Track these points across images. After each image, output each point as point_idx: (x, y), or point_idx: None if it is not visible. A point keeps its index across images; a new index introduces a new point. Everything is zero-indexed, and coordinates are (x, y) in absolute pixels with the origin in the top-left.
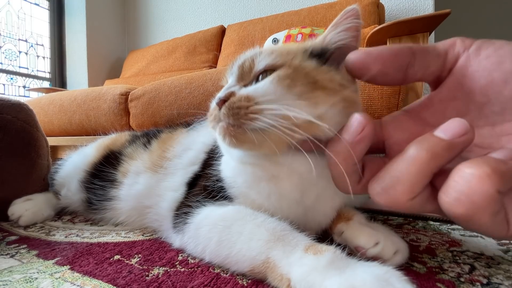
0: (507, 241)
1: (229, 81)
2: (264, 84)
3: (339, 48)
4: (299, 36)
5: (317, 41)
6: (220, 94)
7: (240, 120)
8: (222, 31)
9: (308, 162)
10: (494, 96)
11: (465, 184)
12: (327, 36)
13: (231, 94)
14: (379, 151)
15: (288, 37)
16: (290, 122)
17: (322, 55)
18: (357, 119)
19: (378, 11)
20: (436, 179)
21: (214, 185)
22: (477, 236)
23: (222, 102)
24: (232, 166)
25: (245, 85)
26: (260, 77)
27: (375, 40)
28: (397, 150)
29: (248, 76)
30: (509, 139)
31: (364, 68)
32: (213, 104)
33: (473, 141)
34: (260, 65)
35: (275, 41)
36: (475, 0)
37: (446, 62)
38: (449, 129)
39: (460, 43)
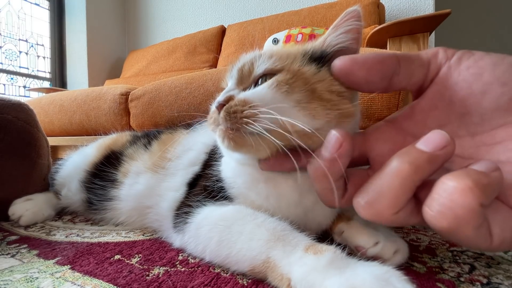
0: None
1: (229, 84)
2: (262, 89)
3: (339, 51)
4: (299, 36)
5: (317, 44)
6: (220, 98)
7: (236, 123)
8: (222, 31)
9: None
10: (474, 107)
11: (447, 197)
12: (327, 38)
13: (230, 98)
14: (363, 164)
15: (288, 37)
16: (286, 129)
17: (322, 58)
18: (334, 135)
19: (379, 11)
20: (420, 191)
21: (214, 185)
22: None
23: (221, 106)
24: (232, 166)
25: (245, 89)
26: (260, 81)
27: (376, 40)
28: (380, 162)
29: (247, 79)
30: (489, 149)
31: (349, 74)
32: (213, 108)
33: (454, 152)
34: (259, 69)
35: (275, 41)
36: (475, 0)
37: (429, 72)
38: (430, 142)
39: (442, 53)
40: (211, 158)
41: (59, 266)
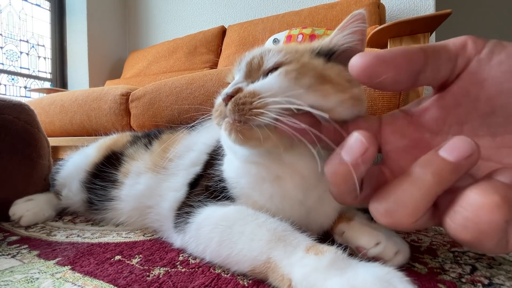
0: None
1: (236, 78)
2: (271, 79)
3: (344, 51)
4: (300, 36)
5: (325, 42)
6: (227, 90)
7: (245, 116)
8: (222, 32)
9: (311, 162)
10: (500, 107)
11: (473, 212)
12: (333, 38)
13: (238, 89)
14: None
15: (288, 37)
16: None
17: (328, 56)
18: (359, 139)
19: (379, 12)
20: (439, 198)
21: (217, 185)
22: None
23: (229, 97)
24: (235, 166)
25: (253, 82)
26: (269, 74)
27: (376, 40)
28: (394, 158)
29: (256, 73)
30: (510, 151)
31: (374, 74)
32: (219, 100)
33: (478, 160)
34: (269, 63)
35: (275, 41)
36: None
37: (456, 67)
38: (455, 150)
39: (471, 45)
40: (213, 158)
41: (60, 266)
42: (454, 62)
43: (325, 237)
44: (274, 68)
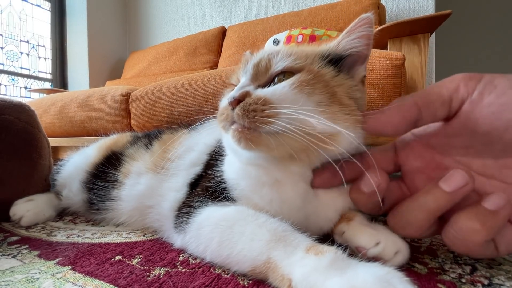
0: None
1: (242, 80)
2: (283, 87)
3: (351, 54)
4: (300, 37)
5: (332, 46)
6: (234, 93)
7: (255, 123)
8: (223, 32)
9: (309, 167)
10: (496, 139)
11: (460, 234)
12: (341, 41)
13: (246, 94)
14: (395, 171)
15: (289, 38)
16: (306, 131)
17: (336, 60)
18: (374, 176)
19: (379, 12)
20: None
21: (217, 186)
22: None
23: (237, 102)
24: (236, 167)
25: (260, 85)
26: (276, 78)
27: (376, 40)
28: (411, 178)
29: (263, 76)
30: (510, 172)
31: (380, 132)
32: (224, 103)
33: (472, 188)
34: (278, 66)
35: (276, 42)
36: (476, 0)
37: (451, 108)
38: (452, 182)
39: (463, 88)
40: (213, 158)
41: (60, 266)
42: (449, 105)
43: (325, 237)
44: (283, 73)
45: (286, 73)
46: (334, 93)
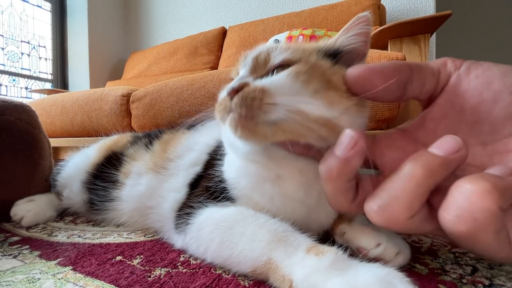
0: None
1: (241, 73)
2: (281, 77)
3: (349, 52)
4: (300, 37)
5: (330, 42)
6: (233, 84)
7: (253, 111)
8: (223, 33)
9: (311, 160)
10: (485, 115)
11: (466, 201)
12: (338, 39)
13: (245, 84)
14: (370, 167)
15: (289, 38)
16: (304, 117)
17: (333, 56)
18: (349, 134)
19: (379, 12)
20: (433, 198)
21: (217, 186)
22: None
23: (235, 92)
24: (236, 166)
25: (258, 78)
26: (275, 71)
27: (376, 41)
28: (391, 168)
29: (262, 69)
30: (502, 157)
31: (367, 83)
32: (223, 94)
33: (467, 157)
34: (276, 59)
35: (276, 42)
36: (476, 1)
37: (439, 80)
38: (443, 146)
39: (450, 63)
40: (213, 158)
41: (61, 267)
42: (437, 76)
43: (326, 237)
44: (281, 66)
45: (284, 66)
46: (330, 80)
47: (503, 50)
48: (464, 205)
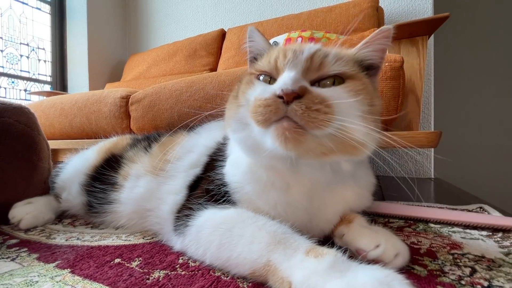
0: (508, 244)
1: (292, 72)
2: (342, 93)
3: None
4: (299, 39)
5: (360, 54)
6: (291, 85)
7: (313, 123)
8: (222, 35)
9: (322, 170)
10: None
11: None
12: (362, 50)
13: (305, 90)
14: None
15: (288, 41)
16: (348, 136)
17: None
18: None
19: (378, 14)
20: None
21: (219, 189)
22: (478, 239)
23: (293, 95)
24: (242, 171)
25: (310, 82)
26: (327, 80)
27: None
28: None
29: (314, 73)
30: None
31: None
32: (267, 93)
33: None
34: (333, 68)
35: (275, 44)
36: (474, 3)
37: None
38: None
39: None
40: (214, 160)
41: (59, 269)
42: None
43: (325, 239)
44: (337, 76)
45: (336, 77)
46: (373, 104)
47: (501, 52)
48: None
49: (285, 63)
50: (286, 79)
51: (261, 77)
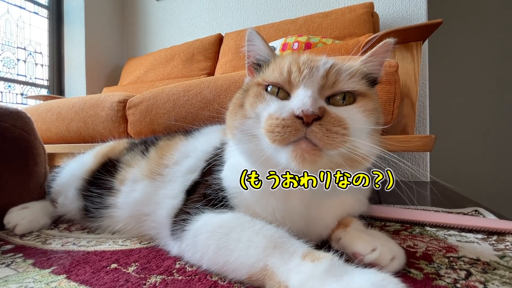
0: (503, 247)
1: (308, 91)
2: (356, 112)
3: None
4: (296, 44)
5: (366, 68)
6: (310, 105)
7: (331, 145)
8: (219, 39)
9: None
10: None
11: None
12: (366, 63)
13: (325, 111)
14: None
15: (284, 46)
16: (355, 152)
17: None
18: None
19: (373, 20)
20: None
21: (216, 194)
22: (473, 242)
23: (314, 117)
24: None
25: (325, 99)
26: (338, 96)
27: (370, 48)
28: None
29: (328, 90)
30: None
31: None
32: (283, 112)
33: None
34: (346, 86)
35: (272, 49)
36: (467, 9)
37: None
38: None
39: None
40: (211, 165)
41: (55, 275)
42: None
43: (322, 243)
44: (349, 92)
45: (348, 93)
46: (378, 123)
47: (494, 56)
48: None
49: (301, 79)
50: (304, 99)
51: (269, 88)
